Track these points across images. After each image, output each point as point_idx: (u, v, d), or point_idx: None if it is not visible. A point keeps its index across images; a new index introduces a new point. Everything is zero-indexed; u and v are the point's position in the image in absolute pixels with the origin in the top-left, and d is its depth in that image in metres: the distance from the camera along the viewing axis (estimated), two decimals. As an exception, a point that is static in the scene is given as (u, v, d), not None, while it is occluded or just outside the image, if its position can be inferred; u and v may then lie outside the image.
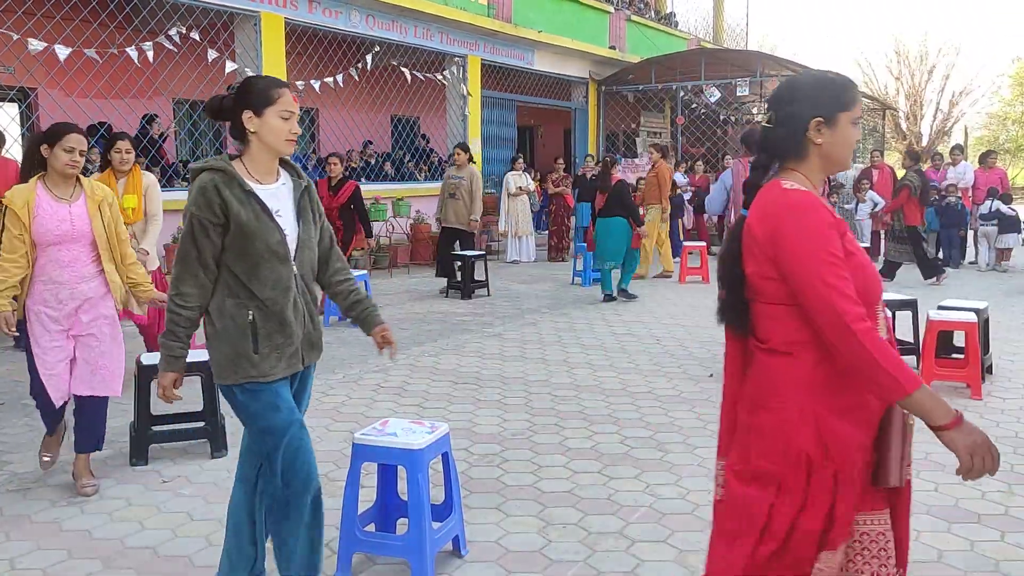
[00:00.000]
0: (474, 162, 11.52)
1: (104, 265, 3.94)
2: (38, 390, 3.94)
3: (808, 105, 2.02)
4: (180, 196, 9.54)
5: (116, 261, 4.00)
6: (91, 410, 3.97)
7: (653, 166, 11.57)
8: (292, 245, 2.70)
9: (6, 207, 3.73)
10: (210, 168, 2.64)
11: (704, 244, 12.29)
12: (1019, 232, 12.96)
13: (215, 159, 2.68)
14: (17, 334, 3.86)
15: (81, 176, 3.92)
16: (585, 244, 10.67)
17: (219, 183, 2.60)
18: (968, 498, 3.91)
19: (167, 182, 10.35)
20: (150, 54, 9.21)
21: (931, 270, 10.99)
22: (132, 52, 9.06)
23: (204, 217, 2.58)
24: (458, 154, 10.33)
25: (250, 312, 2.63)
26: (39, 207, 3.77)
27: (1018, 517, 3.70)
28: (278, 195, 2.71)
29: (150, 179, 5.68)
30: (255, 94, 2.64)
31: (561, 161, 13.89)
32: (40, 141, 3.83)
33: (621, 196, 9.28)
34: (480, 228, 10.38)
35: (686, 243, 12.14)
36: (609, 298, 9.46)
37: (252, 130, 2.65)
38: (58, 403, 3.91)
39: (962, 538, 3.50)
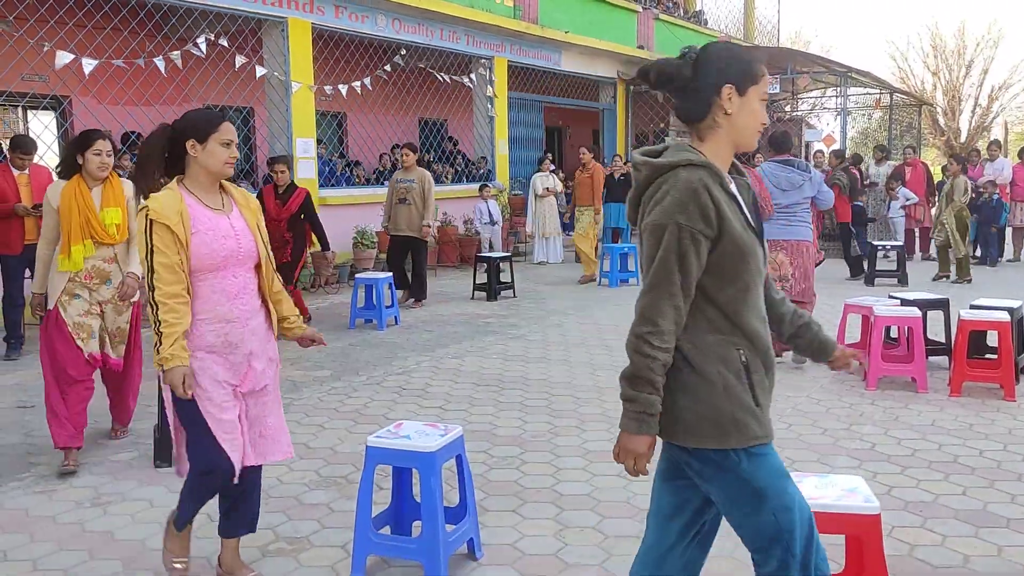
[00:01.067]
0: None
1: (265, 293, 3.05)
2: (209, 464, 2.87)
3: None
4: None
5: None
6: (251, 482, 3.07)
7: (584, 167, 11.29)
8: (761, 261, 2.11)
9: (152, 221, 2.77)
10: (690, 163, 2.00)
11: None
12: None
13: (686, 150, 2.05)
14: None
15: (225, 182, 3.04)
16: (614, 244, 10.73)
17: (708, 182, 1.99)
18: (997, 502, 3.82)
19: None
20: (178, 63, 9.33)
21: (857, 268, 11.38)
22: (160, 62, 9.18)
23: (698, 229, 1.95)
24: (406, 155, 9.20)
25: (741, 352, 2.02)
26: (196, 220, 2.84)
27: (1048, 522, 3.61)
28: (739, 199, 2.12)
29: (132, 188, 4.56)
30: (738, 66, 2.04)
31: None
32: (180, 134, 2.91)
33: None
34: (427, 234, 9.26)
35: None
36: None
37: (728, 111, 2.03)
38: (237, 476, 2.94)
39: (990, 543, 3.41)
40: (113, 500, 3.94)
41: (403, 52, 12.42)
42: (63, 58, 8.50)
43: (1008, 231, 13.11)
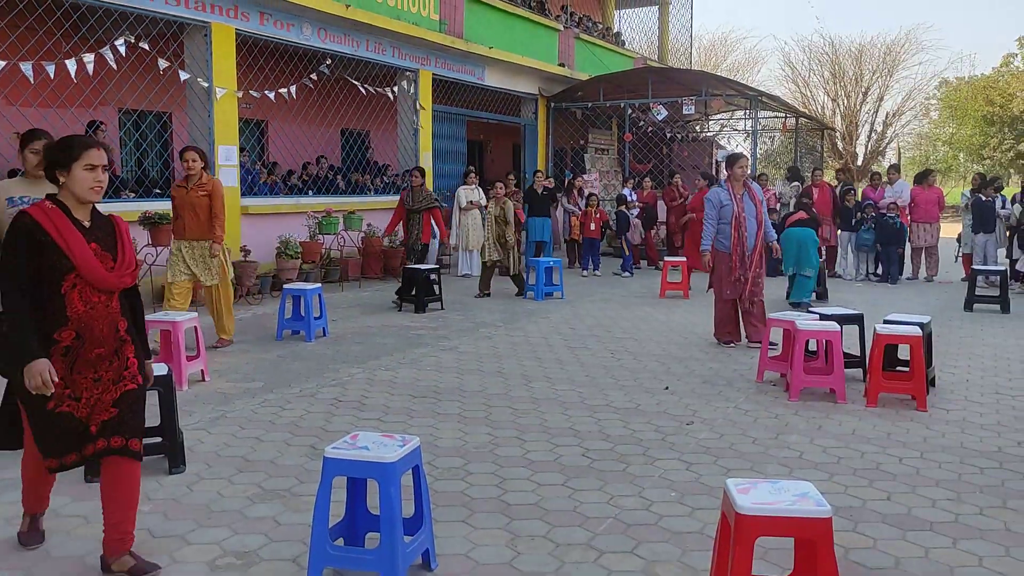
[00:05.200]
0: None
1: None
2: None
3: None
4: (126, 208, 9.35)
5: None
6: None
7: (191, 180, 7.23)
8: None
9: None
10: None
11: (684, 260, 11.79)
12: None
13: None
14: None
15: None
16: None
17: None
18: (919, 507, 4.04)
19: (113, 193, 10.12)
20: (90, 67, 9.00)
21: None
22: (71, 64, 8.84)
23: None
24: (31, 151, 4.61)
25: None
26: None
27: (968, 524, 3.84)
28: None
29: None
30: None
31: (512, 176, 13.96)
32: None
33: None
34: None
35: (667, 258, 12.12)
36: (797, 306, 9.92)
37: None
38: None
39: (917, 545, 3.62)
40: (46, 517, 3.77)
41: (328, 62, 12.30)
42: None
43: (907, 250, 13.80)
